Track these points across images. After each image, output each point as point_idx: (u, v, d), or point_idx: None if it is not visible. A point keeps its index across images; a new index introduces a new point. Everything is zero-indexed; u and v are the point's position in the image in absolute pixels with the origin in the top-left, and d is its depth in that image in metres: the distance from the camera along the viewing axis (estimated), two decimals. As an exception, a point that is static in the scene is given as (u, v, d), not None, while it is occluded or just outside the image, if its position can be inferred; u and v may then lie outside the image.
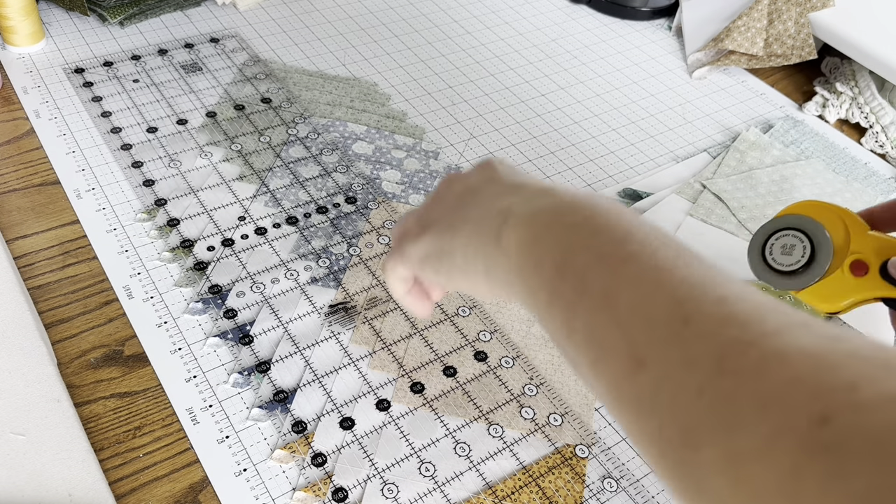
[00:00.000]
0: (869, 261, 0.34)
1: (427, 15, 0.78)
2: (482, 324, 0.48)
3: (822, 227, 0.35)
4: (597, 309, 0.20)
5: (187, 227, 0.51)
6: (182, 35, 0.68)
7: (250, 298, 0.47)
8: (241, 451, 0.40)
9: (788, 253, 0.35)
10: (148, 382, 0.42)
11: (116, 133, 0.57)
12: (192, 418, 0.41)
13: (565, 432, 0.43)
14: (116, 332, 0.44)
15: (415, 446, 0.41)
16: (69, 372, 0.42)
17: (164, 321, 0.45)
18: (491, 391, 0.44)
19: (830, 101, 0.70)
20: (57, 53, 0.64)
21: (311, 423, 0.41)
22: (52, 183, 0.53)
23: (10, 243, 0.48)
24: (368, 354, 0.45)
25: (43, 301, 0.45)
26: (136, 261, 0.48)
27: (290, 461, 0.39)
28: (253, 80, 0.64)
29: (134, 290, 0.47)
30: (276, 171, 0.56)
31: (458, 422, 0.42)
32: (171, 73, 0.63)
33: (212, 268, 0.48)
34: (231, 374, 0.43)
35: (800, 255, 0.35)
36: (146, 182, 0.53)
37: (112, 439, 0.40)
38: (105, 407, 0.41)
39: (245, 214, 0.52)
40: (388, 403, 0.43)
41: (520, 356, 0.46)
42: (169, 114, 0.59)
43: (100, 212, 0.51)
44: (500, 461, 0.41)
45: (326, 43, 0.71)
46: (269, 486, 0.38)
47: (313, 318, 0.46)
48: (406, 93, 0.66)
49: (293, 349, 0.45)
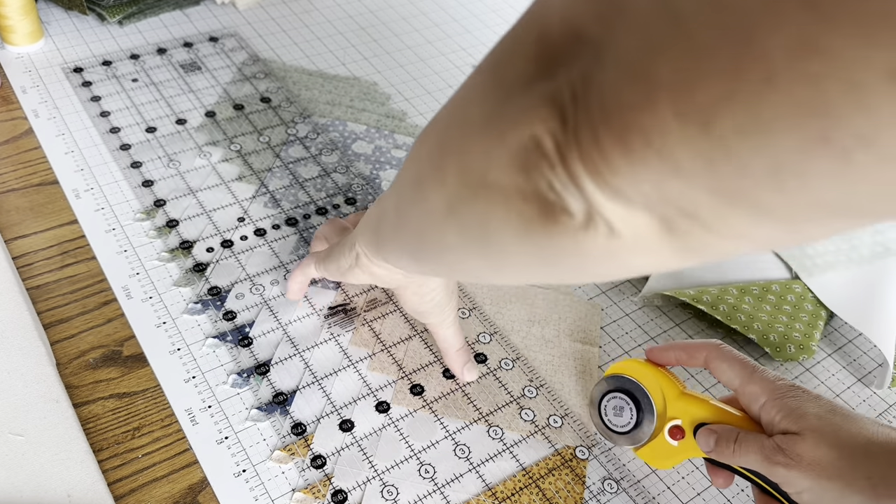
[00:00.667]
0: (684, 425, 0.37)
1: (427, 14, 0.77)
2: (482, 325, 0.48)
3: (646, 392, 0.37)
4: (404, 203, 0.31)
5: (186, 229, 0.51)
6: (181, 34, 0.68)
7: (249, 300, 0.47)
8: (240, 452, 0.39)
9: (619, 414, 0.38)
10: (147, 383, 0.42)
11: (115, 133, 0.57)
12: (192, 419, 0.41)
13: (565, 434, 0.42)
14: (115, 332, 0.44)
15: (414, 448, 0.41)
16: (68, 372, 0.42)
17: (163, 321, 0.45)
18: (491, 393, 0.44)
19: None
20: (56, 53, 0.63)
21: (311, 425, 0.41)
22: (50, 183, 0.53)
23: (9, 243, 0.48)
24: (368, 356, 0.45)
25: (42, 301, 0.45)
26: (136, 261, 0.48)
27: (289, 462, 0.39)
28: (252, 79, 0.64)
29: (133, 290, 0.46)
30: (275, 171, 0.56)
31: (458, 424, 0.42)
32: (170, 72, 0.63)
33: (211, 269, 0.48)
34: (230, 375, 0.43)
35: (628, 417, 0.38)
36: (145, 182, 0.53)
37: (111, 440, 0.39)
38: (104, 407, 0.41)
39: (244, 215, 0.52)
40: (387, 405, 0.43)
41: (519, 358, 0.46)
42: (168, 113, 0.59)
43: (98, 211, 0.51)
44: (500, 463, 0.41)
45: (326, 42, 0.70)
46: (269, 487, 0.38)
47: (313, 320, 0.46)
48: (406, 92, 0.66)
49: (293, 351, 0.44)
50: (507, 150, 0.21)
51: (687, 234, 0.19)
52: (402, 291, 0.41)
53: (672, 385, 0.37)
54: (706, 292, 0.50)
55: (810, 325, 0.49)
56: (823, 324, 0.50)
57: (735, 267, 0.53)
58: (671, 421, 0.37)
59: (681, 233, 0.19)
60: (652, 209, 0.18)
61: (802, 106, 0.14)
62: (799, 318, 0.49)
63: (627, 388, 0.38)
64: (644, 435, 0.37)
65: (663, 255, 0.20)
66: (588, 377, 0.46)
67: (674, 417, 0.37)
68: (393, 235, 0.33)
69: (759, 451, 0.34)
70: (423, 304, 0.41)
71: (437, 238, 0.28)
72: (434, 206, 0.26)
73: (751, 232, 0.18)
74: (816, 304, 0.51)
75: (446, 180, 0.25)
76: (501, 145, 0.21)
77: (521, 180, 0.21)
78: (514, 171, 0.21)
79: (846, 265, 0.54)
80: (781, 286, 0.51)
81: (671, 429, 0.37)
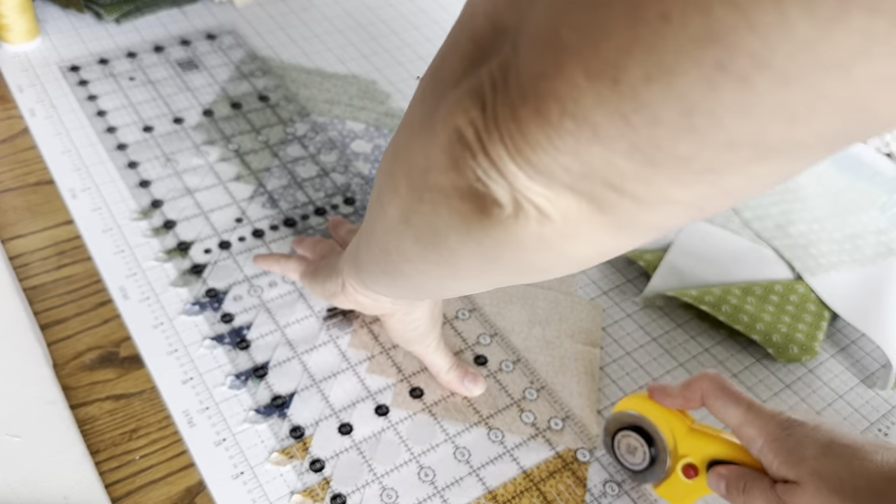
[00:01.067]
0: (696, 463, 0.36)
1: (426, 11, 0.77)
2: (482, 327, 0.47)
3: (659, 431, 0.37)
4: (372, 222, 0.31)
5: (183, 230, 0.50)
6: (178, 32, 0.67)
7: (247, 302, 0.46)
8: (238, 455, 0.39)
9: (632, 453, 0.38)
10: (144, 384, 0.42)
11: (112, 132, 0.56)
12: (189, 421, 0.40)
13: (566, 436, 0.42)
14: (112, 333, 0.44)
15: (414, 451, 0.40)
16: (65, 373, 0.42)
17: (160, 322, 0.45)
18: (491, 395, 0.44)
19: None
20: (52, 51, 0.63)
21: (309, 428, 0.41)
22: (47, 182, 0.52)
23: (5, 243, 0.48)
24: (367, 359, 0.45)
25: (38, 302, 0.45)
26: (132, 261, 0.48)
27: (287, 465, 0.39)
28: (250, 77, 0.63)
29: (130, 291, 0.46)
30: (273, 171, 0.55)
31: (458, 427, 0.42)
32: (167, 70, 0.63)
33: (208, 271, 0.48)
34: (228, 377, 0.42)
35: (641, 456, 0.37)
36: (142, 182, 0.53)
37: (108, 441, 0.39)
38: (101, 409, 0.40)
39: (242, 216, 0.52)
40: (386, 408, 0.42)
41: (520, 360, 0.46)
42: (165, 112, 0.59)
43: (95, 211, 0.50)
44: (501, 466, 0.40)
45: (324, 40, 0.70)
46: (267, 489, 0.38)
47: (311, 322, 0.46)
48: (405, 90, 0.65)
49: (291, 353, 0.44)
50: (439, 148, 0.21)
51: (616, 208, 0.19)
52: (387, 319, 0.41)
53: (681, 421, 0.36)
54: (709, 293, 0.49)
55: (813, 325, 0.49)
56: (826, 324, 0.49)
57: (738, 267, 0.53)
58: (682, 459, 0.36)
59: (610, 208, 0.19)
60: (577, 187, 0.18)
61: (698, 37, 0.14)
62: (802, 318, 0.49)
63: (638, 424, 0.37)
64: (660, 473, 0.37)
65: (599, 237, 0.20)
66: (590, 378, 0.45)
67: (685, 455, 0.36)
68: (367, 257, 0.33)
69: (765, 502, 0.33)
70: (408, 332, 0.41)
71: (398, 250, 0.29)
72: (391, 216, 0.27)
73: (678, 195, 0.18)
74: (819, 305, 0.50)
75: (399, 189, 0.25)
76: (435, 144, 0.21)
77: (454, 177, 0.21)
78: (448, 169, 0.21)
79: (849, 265, 0.53)
80: (784, 287, 0.51)
81: (684, 467, 0.36)
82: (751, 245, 0.54)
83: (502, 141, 0.19)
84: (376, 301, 0.39)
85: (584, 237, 0.20)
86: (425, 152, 0.22)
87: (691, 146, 0.16)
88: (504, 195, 0.20)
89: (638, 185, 0.18)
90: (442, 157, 0.21)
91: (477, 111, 0.19)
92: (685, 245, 0.53)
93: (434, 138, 0.21)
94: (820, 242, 0.55)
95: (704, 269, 0.52)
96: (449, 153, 0.21)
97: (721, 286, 0.50)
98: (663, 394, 0.37)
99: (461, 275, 0.27)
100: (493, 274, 0.25)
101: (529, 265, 0.23)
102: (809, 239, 0.55)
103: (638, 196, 0.18)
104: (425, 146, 0.22)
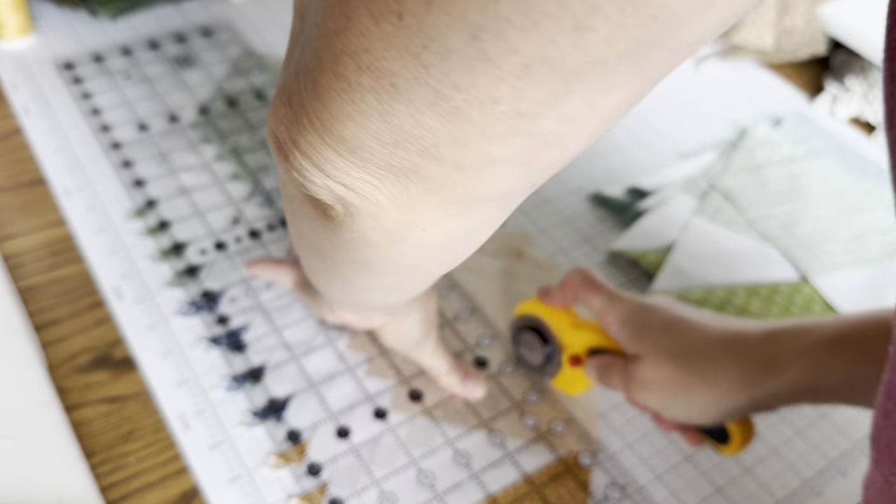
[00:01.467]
0: (580, 354, 0.39)
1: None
2: (483, 328, 0.46)
3: (550, 329, 0.40)
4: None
5: (179, 230, 0.49)
6: (174, 28, 0.66)
7: (244, 303, 0.46)
8: (234, 458, 0.39)
9: (531, 350, 0.41)
10: (138, 386, 0.41)
11: (107, 131, 0.56)
12: (184, 424, 0.40)
13: (568, 440, 0.42)
14: (106, 334, 0.43)
15: (413, 455, 0.40)
16: (59, 375, 0.41)
17: (156, 324, 0.44)
18: (492, 398, 0.43)
19: (840, 98, 0.68)
20: (47, 48, 0.62)
21: (307, 432, 0.40)
22: (41, 181, 0.52)
23: (-2, 244, 0.47)
24: (366, 361, 0.44)
25: (32, 303, 0.44)
26: (127, 262, 0.47)
27: (284, 468, 0.38)
28: (247, 74, 0.63)
29: (124, 291, 0.45)
30: (270, 170, 0.55)
31: (458, 430, 0.41)
32: (163, 67, 0.62)
33: (204, 272, 0.47)
34: (224, 380, 0.42)
35: (539, 353, 0.41)
36: (137, 182, 0.52)
37: (103, 444, 0.39)
38: (95, 411, 0.40)
39: (239, 216, 0.51)
40: (385, 411, 0.42)
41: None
42: (161, 110, 0.58)
43: (90, 211, 0.50)
44: (501, 470, 0.40)
45: (324, 36, 0.69)
46: (263, 494, 0.37)
47: (309, 324, 0.45)
48: (405, 88, 0.65)
49: (288, 355, 0.43)
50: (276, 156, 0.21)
51: (442, 181, 0.18)
52: (381, 330, 0.41)
53: (565, 317, 0.39)
54: (713, 294, 0.49)
55: (818, 327, 0.48)
56: (832, 326, 0.49)
57: (742, 268, 0.52)
58: (568, 350, 0.39)
59: (435, 182, 0.18)
60: (395, 161, 0.18)
61: None
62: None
63: (533, 325, 0.41)
64: (553, 371, 0.40)
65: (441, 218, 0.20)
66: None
67: (569, 347, 0.39)
68: (310, 276, 0.33)
69: (620, 380, 0.36)
70: (403, 340, 0.41)
71: (306, 263, 0.29)
72: (292, 232, 0.27)
73: (497, 151, 0.17)
74: (825, 306, 0.50)
75: (286, 204, 0.25)
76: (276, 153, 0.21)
77: (298, 184, 0.20)
78: (289, 178, 0.21)
79: (855, 265, 0.53)
80: (789, 288, 0.50)
81: (570, 358, 0.39)
82: (755, 245, 0.53)
83: (311, 124, 0.18)
84: (361, 318, 0.39)
85: (427, 222, 0.20)
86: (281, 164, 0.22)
87: (489, 80, 0.15)
88: (327, 194, 0.20)
89: (454, 148, 0.17)
90: (283, 167, 0.21)
91: (285, 107, 0.19)
92: (689, 246, 0.53)
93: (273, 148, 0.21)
94: (825, 242, 0.54)
95: (708, 270, 0.51)
96: (279, 161, 0.21)
97: (725, 287, 0.50)
98: (548, 295, 0.40)
99: (353, 281, 0.26)
100: (381, 277, 0.25)
101: (397, 263, 0.23)
102: (814, 239, 0.54)
103: (458, 161, 0.18)
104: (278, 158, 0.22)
